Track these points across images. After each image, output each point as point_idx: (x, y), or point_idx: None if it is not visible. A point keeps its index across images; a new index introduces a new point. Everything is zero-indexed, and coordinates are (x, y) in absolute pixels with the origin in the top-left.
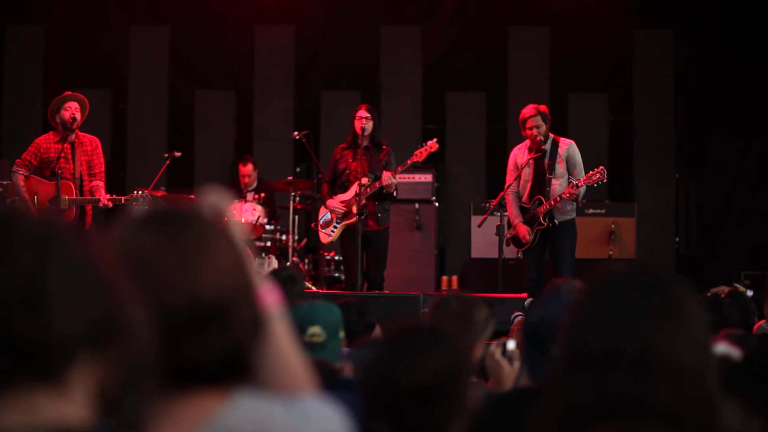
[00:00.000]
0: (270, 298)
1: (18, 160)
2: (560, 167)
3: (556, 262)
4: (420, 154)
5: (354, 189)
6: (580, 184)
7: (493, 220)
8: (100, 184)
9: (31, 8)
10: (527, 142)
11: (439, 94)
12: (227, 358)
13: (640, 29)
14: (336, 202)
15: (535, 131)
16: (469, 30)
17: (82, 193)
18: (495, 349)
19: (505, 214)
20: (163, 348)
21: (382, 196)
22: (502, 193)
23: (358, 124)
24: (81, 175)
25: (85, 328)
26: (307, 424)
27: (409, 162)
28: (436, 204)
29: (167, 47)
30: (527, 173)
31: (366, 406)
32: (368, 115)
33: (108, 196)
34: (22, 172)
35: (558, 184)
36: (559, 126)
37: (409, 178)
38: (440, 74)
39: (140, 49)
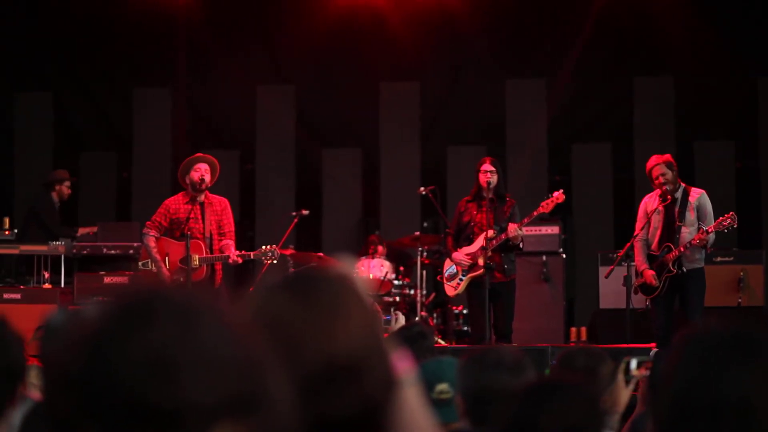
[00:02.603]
0: (403, 364)
1: (148, 222)
2: (690, 215)
3: (685, 311)
4: (546, 206)
5: (479, 241)
6: (711, 230)
7: (621, 271)
8: (230, 242)
9: (157, 71)
10: (658, 191)
11: (565, 145)
12: (360, 416)
13: (765, 76)
14: (461, 254)
15: (662, 179)
16: (594, 81)
17: (212, 252)
18: (618, 368)
19: (633, 264)
20: (298, 407)
21: (508, 248)
22: (629, 243)
23: (483, 178)
24: (211, 234)
25: (221, 399)
26: None
27: (535, 213)
28: (564, 255)
29: (293, 106)
30: (657, 221)
31: None
32: (493, 168)
33: (237, 252)
34: (152, 234)
35: (688, 233)
36: (686, 174)
37: (536, 230)
38: (565, 126)
39: (266, 109)
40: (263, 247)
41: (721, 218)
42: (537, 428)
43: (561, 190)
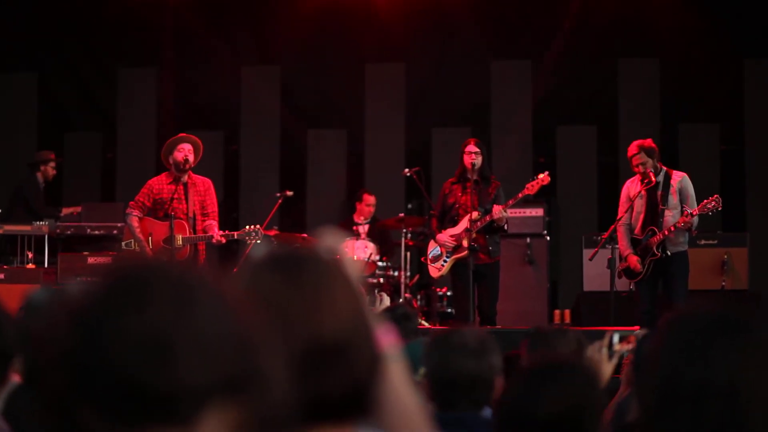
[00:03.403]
0: (386, 339)
1: (131, 202)
2: (673, 199)
3: (668, 295)
4: (531, 188)
5: (464, 223)
6: (695, 213)
7: (605, 253)
8: (213, 223)
9: (143, 51)
10: (639, 176)
11: (550, 128)
12: (347, 397)
13: (750, 59)
14: (446, 236)
15: (641, 168)
16: (579, 63)
17: (195, 233)
18: (601, 343)
19: (617, 246)
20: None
21: (492, 230)
22: (613, 226)
23: (467, 159)
24: (194, 215)
25: (216, 379)
26: None
27: (520, 195)
28: (548, 238)
29: (278, 87)
30: (639, 205)
31: None
32: (477, 150)
33: (221, 232)
34: (136, 214)
35: (671, 216)
36: (670, 157)
37: (520, 212)
38: (551, 108)
39: (251, 90)
40: (247, 227)
41: (705, 201)
42: (534, 412)
43: (546, 172)
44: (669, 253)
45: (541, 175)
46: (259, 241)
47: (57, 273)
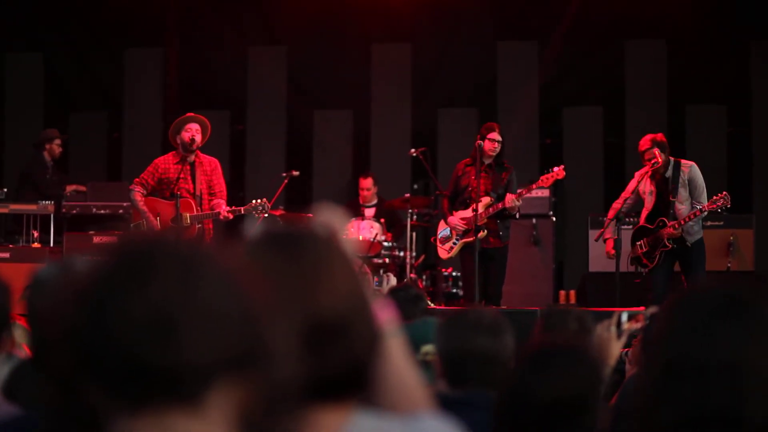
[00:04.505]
0: (384, 315)
1: (136, 179)
2: (684, 191)
3: (690, 283)
4: (546, 180)
5: (477, 206)
6: (705, 209)
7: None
8: (221, 201)
9: (149, 31)
10: (647, 168)
11: (557, 109)
12: (347, 375)
13: (757, 40)
14: (457, 219)
15: (653, 161)
16: (586, 44)
17: (202, 212)
18: (609, 321)
19: (623, 228)
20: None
21: (503, 216)
22: (612, 211)
23: (489, 146)
24: (201, 194)
25: (221, 357)
26: None
27: (534, 186)
28: (554, 219)
29: (285, 68)
30: (650, 201)
31: (497, 421)
32: (500, 138)
33: (228, 208)
34: (138, 190)
35: (683, 208)
36: (677, 138)
37: (526, 193)
38: (557, 89)
39: (258, 70)
40: (253, 201)
41: (715, 197)
42: (536, 395)
43: (562, 166)
44: (689, 244)
45: (556, 169)
46: (267, 215)
47: (63, 252)
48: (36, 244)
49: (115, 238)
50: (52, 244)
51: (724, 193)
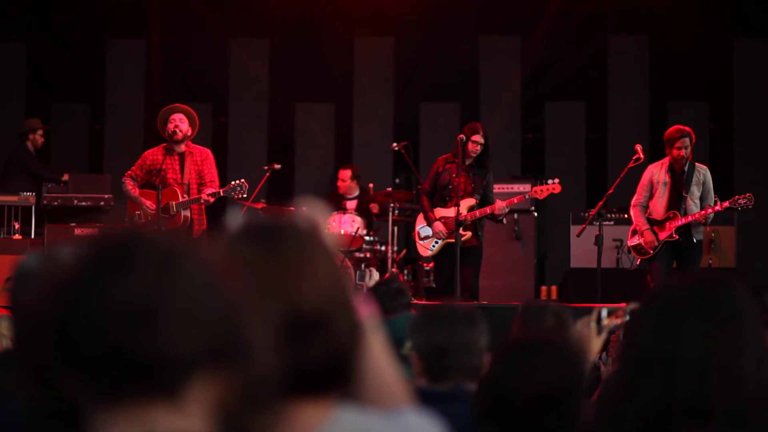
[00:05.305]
0: (364, 309)
1: (127, 172)
2: (696, 190)
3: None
4: (540, 192)
5: (459, 207)
6: (726, 205)
7: (592, 230)
8: (210, 189)
9: (131, 23)
10: (665, 161)
11: (539, 103)
12: (327, 369)
13: (740, 37)
14: (440, 225)
15: (683, 152)
16: (569, 39)
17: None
18: (589, 317)
19: (605, 223)
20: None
21: (488, 219)
22: (600, 203)
23: (472, 147)
24: (189, 183)
25: (201, 348)
26: None
27: (527, 196)
28: (536, 214)
29: (267, 60)
30: (663, 191)
31: (478, 415)
32: (483, 141)
33: (209, 190)
34: (128, 182)
35: (694, 205)
36: (659, 134)
37: (508, 188)
38: (539, 84)
39: (240, 62)
40: (232, 182)
41: (737, 196)
42: (516, 389)
43: (557, 180)
44: (695, 240)
45: (551, 182)
46: (244, 196)
47: (44, 244)
48: (17, 236)
49: (96, 231)
50: (33, 236)
51: (749, 194)
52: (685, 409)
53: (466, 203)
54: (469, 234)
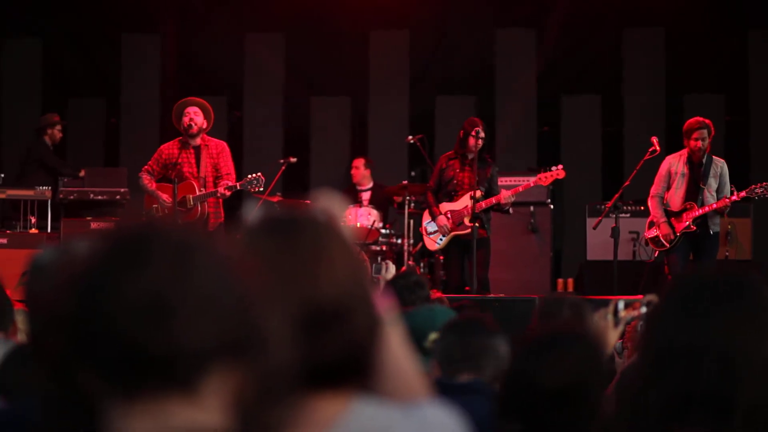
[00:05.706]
0: (383, 303)
1: (144, 167)
2: (714, 182)
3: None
4: (545, 179)
5: (464, 200)
6: (743, 195)
7: (609, 222)
8: (227, 182)
9: (146, 17)
10: (683, 152)
11: (554, 96)
12: (345, 362)
13: (756, 29)
14: (444, 219)
15: (700, 143)
16: (584, 32)
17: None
18: (606, 309)
19: (621, 216)
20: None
21: (495, 210)
22: (616, 195)
23: (473, 141)
24: (206, 176)
25: (216, 342)
26: (427, 430)
27: (532, 184)
28: (552, 207)
29: (282, 54)
30: (680, 182)
31: (500, 408)
32: (484, 135)
33: (225, 183)
34: (145, 176)
35: (710, 196)
36: (675, 127)
37: (522, 181)
38: (555, 77)
39: (255, 57)
40: (249, 175)
41: (753, 185)
42: (537, 382)
43: (560, 166)
44: (712, 232)
45: (555, 168)
46: (261, 189)
47: (60, 238)
48: (33, 230)
49: (112, 224)
50: (49, 230)
51: (765, 183)
52: (707, 399)
53: (472, 196)
54: (471, 225)
